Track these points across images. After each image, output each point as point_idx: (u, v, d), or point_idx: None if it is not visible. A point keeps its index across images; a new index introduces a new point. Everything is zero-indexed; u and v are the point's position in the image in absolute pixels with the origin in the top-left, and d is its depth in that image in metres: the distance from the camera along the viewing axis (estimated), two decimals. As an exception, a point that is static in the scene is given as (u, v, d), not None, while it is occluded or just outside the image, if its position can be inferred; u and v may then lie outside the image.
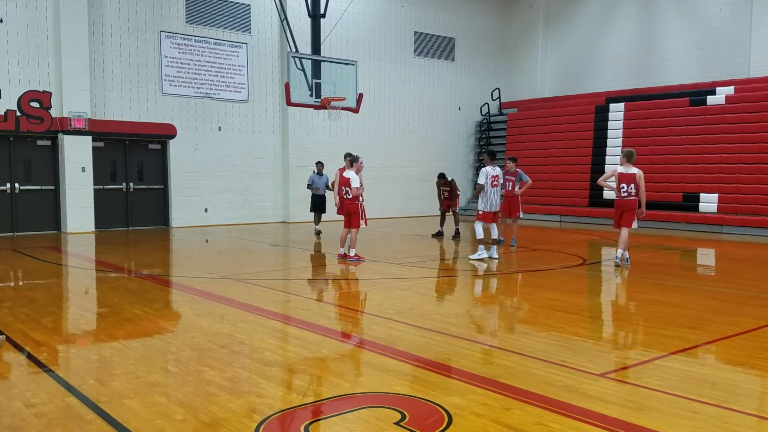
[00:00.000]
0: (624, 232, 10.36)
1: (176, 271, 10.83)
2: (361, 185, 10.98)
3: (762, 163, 16.74)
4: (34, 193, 15.91)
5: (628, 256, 10.60)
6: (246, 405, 4.23)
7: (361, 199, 10.99)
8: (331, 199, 15.62)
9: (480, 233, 11.32)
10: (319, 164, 15.82)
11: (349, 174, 10.96)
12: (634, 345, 5.79)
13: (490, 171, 11.25)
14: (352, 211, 11.01)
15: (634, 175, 10.21)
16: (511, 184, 13.27)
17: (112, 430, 3.83)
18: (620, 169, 10.28)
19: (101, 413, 4.08)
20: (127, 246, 13.98)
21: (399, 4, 21.43)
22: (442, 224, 15.15)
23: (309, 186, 15.78)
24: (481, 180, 11.24)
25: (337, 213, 12.00)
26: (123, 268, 10.90)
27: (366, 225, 11.11)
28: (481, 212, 11.32)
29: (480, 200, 11.32)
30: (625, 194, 10.25)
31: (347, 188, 10.95)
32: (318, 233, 15.66)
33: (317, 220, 15.89)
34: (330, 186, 15.19)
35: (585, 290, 9.05)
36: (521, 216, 13.47)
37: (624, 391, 4.52)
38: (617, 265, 10.35)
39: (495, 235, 11.48)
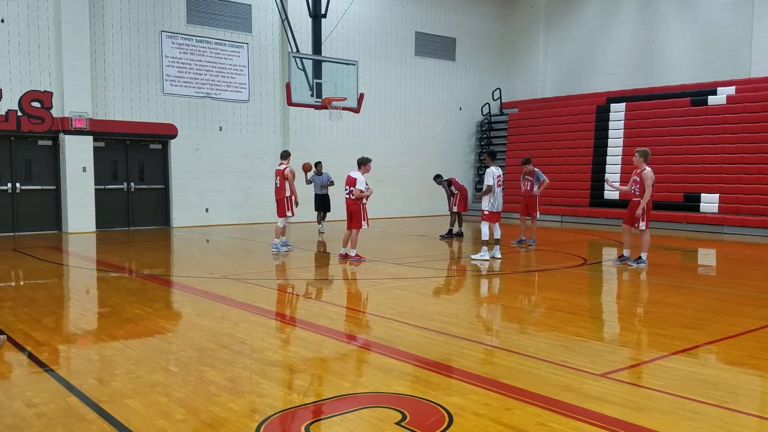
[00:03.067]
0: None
1: (177, 271, 10.83)
2: (369, 188, 10.97)
3: (763, 163, 16.72)
4: (35, 193, 15.93)
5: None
6: (247, 405, 4.23)
7: (364, 200, 10.99)
8: (334, 198, 15.79)
9: (486, 233, 11.31)
10: (319, 164, 15.94)
11: (356, 174, 10.94)
12: (634, 345, 5.79)
13: (495, 171, 11.28)
14: (353, 212, 11.00)
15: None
16: (529, 184, 13.34)
17: (113, 430, 3.83)
18: (650, 170, 10.20)
19: (102, 413, 4.09)
20: (128, 246, 13.99)
21: (400, 4, 21.44)
22: (451, 224, 15.09)
23: (309, 182, 15.87)
24: (488, 181, 11.22)
25: (278, 215, 12.51)
26: (124, 267, 10.90)
27: (368, 226, 11.11)
28: (487, 212, 11.31)
29: (486, 200, 11.31)
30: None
31: (351, 188, 10.93)
32: (320, 233, 15.84)
33: (320, 219, 16.17)
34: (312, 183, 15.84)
35: (586, 290, 9.06)
36: (538, 216, 13.49)
37: (625, 392, 4.52)
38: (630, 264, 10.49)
39: (498, 235, 11.47)
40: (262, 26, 18.75)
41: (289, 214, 12.33)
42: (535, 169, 13.44)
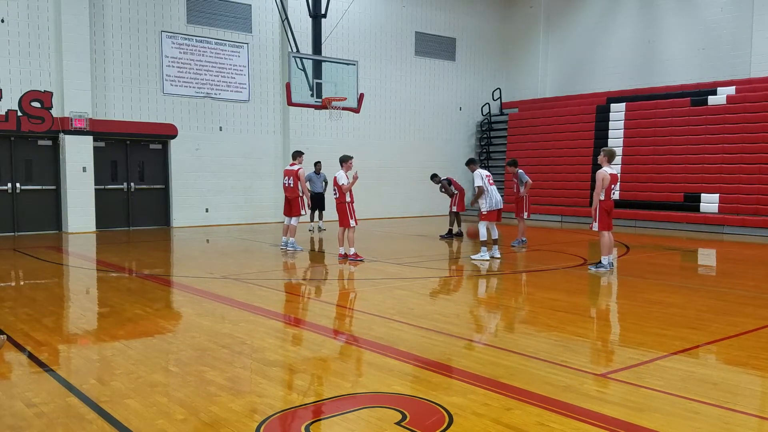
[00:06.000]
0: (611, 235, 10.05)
1: (177, 271, 10.83)
2: (349, 183, 11.05)
3: (763, 163, 16.72)
4: (35, 193, 15.93)
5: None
6: (247, 405, 4.23)
7: (347, 198, 11.05)
8: (330, 198, 15.84)
9: (483, 234, 11.34)
10: (318, 164, 16.14)
11: (337, 173, 11.09)
12: (634, 345, 5.78)
13: (482, 172, 11.38)
14: (338, 212, 11.13)
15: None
16: (515, 186, 13.39)
17: (113, 430, 3.84)
18: (611, 171, 9.77)
19: (102, 413, 4.09)
20: (128, 246, 13.99)
21: (400, 4, 21.43)
22: (450, 224, 15.08)
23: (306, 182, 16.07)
24: (478, 182, 11.29)
25: (291, 215, 12.54)
26: (124, 267, 10.90)
27: (356, 224, 11.18)
28: (485, 212, 11.34)
29: (483, 201, 11.35)
30: (614, 195, 9.93)
31: (335, 187, 11.10)
32: (320, 230, 16.07)
33: (313, 218, 16.36)
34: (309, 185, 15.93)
35: (586, 290, 9.05)
36: (526, 216, 13.46)
37: (625, 392, 4.52)
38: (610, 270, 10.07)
39: (495, 235, 11.49)
40: (262, 26, 18.75)
41: (303, 212, 12.51)
42: (519, 170, 13.42)
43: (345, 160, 11.29)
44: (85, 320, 7.04)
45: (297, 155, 12.74)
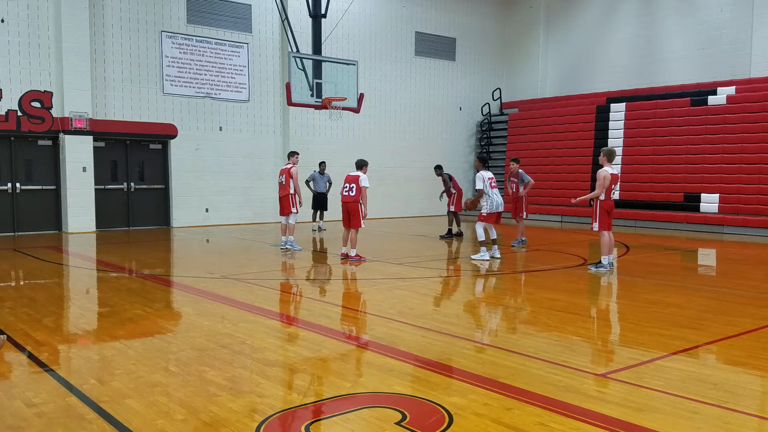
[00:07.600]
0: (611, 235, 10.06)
1: (177, 271, 10.83)
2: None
3: (763, 163, 16.73)
4: (35, 193, 15.93)
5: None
6: (247, 405, 4.23)
7: (360, 201, 11.11)
8: (332, 197, 15.89)
9: (481, 234, 11.37)
10: (323, 164, 16.23)
11: (358, 172, 11.11)
12: (634, 345, 5.79)
13: (485, 174, 11.35)
14: (352, 211, 11.11)
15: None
16: (515, 185, 13.36)
17: (113, 430, 3.84)
18: (612, 170, 9.83)
19: (102, 413, 4.09)
20: (128, 246, 13.99)
21: (400, 4, 21.43)
22: (449, 223, 15.07)
23: (307, 182, 16.24)
24: (479, 185, 11.28)
25: (281, 213, 12.63)
26: (124, 267, 10.90)
27: (363, 225, 11.23)
28: (485, 213, 11.35)
29: (484, 203, 11.36)
30: (614, 195, 9.94)
31: (352, 185, 11.07)
32: (320, 230, 16.15)
33: (315, 218, 16.41)
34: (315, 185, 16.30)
35: (586, 290, 9.05)
36: (525, 216, 13.46)
37: (625, 392, 4.52)
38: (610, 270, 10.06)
39: (494, 235, 11.50)
40: (262, 26, 18.75)
41: (294, 210, 12.43)
42: (520, 170, 13.43)
43: (365, 165, 11.36)
44: (85, 320, 7.04)
45: (291, 155, 12.83)
